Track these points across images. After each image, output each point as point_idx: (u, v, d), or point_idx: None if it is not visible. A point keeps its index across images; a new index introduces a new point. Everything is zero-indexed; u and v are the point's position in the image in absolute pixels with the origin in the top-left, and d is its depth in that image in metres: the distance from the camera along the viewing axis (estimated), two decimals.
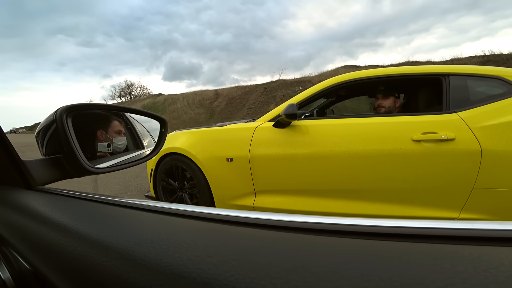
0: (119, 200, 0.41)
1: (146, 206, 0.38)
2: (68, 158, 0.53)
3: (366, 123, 1.68)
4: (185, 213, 0.34)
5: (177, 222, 0.32)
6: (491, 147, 1.38)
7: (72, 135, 0.53)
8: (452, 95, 1.58)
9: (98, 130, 0.74)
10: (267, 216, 0.30)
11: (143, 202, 0.39)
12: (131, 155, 0.83)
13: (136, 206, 0.38)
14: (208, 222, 0.31)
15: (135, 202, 0.40)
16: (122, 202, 0.40)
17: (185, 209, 0.35)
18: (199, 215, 0.33)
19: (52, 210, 0.37)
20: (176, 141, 2.25)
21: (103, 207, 0.39)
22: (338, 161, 1.64)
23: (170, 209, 0.36)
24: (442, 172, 1.47)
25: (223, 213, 0.33)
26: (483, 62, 13.72)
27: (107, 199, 0.42)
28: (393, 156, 1.54)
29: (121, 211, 0.37)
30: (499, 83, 1.54)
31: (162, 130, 0.83)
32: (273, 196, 1.86)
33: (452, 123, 1.48)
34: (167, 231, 0.28)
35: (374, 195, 1.62)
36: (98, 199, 0.43)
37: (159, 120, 0.84)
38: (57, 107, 0.54)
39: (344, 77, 1.85)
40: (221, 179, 1.99)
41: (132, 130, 0.90)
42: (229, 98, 19.43)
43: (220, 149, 1.99)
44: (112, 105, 0.73)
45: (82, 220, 0.33)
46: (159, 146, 0.80)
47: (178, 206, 0.37)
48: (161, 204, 0.39)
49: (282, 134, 1.80)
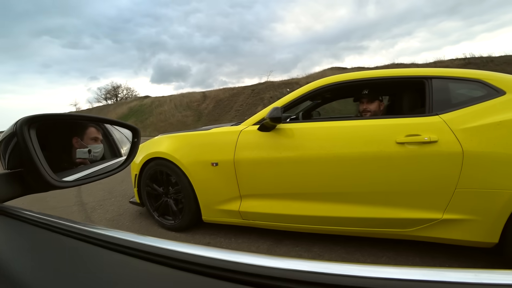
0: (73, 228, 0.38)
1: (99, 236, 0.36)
2: (30, 173, 0.49)
3: (351, 126, 1.68)
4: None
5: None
6: (472, 149, 1.40)
7: (35, 147, 0.49)
8: (435, 97, 1.60)
9: (73, 138, 0.70)
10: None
11: (99, 230, 0.37)
12: (107, 164, 0.79)
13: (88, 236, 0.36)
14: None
15: (93, 230, 0.37)
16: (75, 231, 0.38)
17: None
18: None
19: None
20: (160, 145, 2.20)
21: (51, 235, 0.37)
22: (324, 164, 1.64)
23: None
24: (426, 173, 1.49)
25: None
26: (464, 64, 14.13)
27: (58, 226, 0.39)
28: (377, 158, 1.54)
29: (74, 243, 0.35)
30: (479, 86, 1.57)
31: (134, 139, 0.79)
32: (259, 200, 1.84)
33: (434, 125, 1.50)
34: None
35: (359, 197, 1.62)
36: (52, 226, 0.40)
37: (130, 129, 0.80)
38: (39, 110, 0.50)
39: (329, 79, 1.85)
40: (206, 184, 1.95)
41: (109, 136, 0.86)
42: (216, 100, 19.32)
43: (204, 154, 1.96)
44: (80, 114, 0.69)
45: (20, 250, 0.30)
46: (131, 156, 0.77)
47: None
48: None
49: (267, 138, 1.78)
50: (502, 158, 1.35)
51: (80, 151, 0.69)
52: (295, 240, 1.93)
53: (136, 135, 0.79)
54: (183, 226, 2.15)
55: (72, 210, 2.92)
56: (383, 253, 1.73)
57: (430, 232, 1.53)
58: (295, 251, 1.81)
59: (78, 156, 0.68)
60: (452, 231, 1.49)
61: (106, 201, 3.20)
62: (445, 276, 0.21)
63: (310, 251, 1.80)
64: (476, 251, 1.65)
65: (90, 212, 2.84)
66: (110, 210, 2.86)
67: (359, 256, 1.71)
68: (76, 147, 0.69)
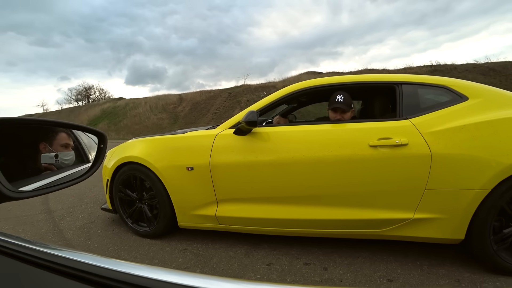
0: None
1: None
2: None
3: (326, 129, 1.71)
4: None
5: None
6: (439, 151, 1.47)
7: None
8: (405, 102, 1.67)
9: (41, 143, 0.65)
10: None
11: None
12: (73, 170, 0.74)
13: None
14: None
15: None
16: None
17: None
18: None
19: None
20: (133, 149, 2.13)
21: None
22: (299, 168, 1.65)
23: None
24: (397, 175, 1.54)
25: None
26: (431, 71, 14.94)
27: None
28: (351, 161, 1.58)
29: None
30: (445, 92, 1.66)
31: (100, 145, 0.75)
32: (235, 204, 1.82)
33: (405, 129, 1.56)
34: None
35: (335, 200, 1.65)
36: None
37: (96, 134, 0.76)
38: (2, 111, 0.45)
39: (305, 83, 1.87)
40: (182, 189, 1.91)
41: (76, 142, 0.81)
42: (193, 102, 19.07)
43: (179, 158, 1.91)
44: (44, 119, 0.64)
45: None
46: (98, 162, 0.72)
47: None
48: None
49: (243, 141, 1.77)
50: (466, 159, 1.43)
51: (46, 156, 0.64)
52: (273, 244, 1.93)
53: (102, 140, 0.75)
54: (158, 232, 2.09)
55: (38, 218, 2.73)
56: (359, 253, 1.77)
57: (403, 232, 1.58)
58: (273, 255, 1.80)
59: (43, 161, 0.63)
60: (422, 230, 1.55)
61: (76, 208, 3.04)
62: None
63: (287, 254, 1.80)
64: (445, 247, 1.73)
65: (58, 220, 2.67)
66: (81, 217, 2.72)
67: (336, 257, 1.74)
68: (43, 152, 0.64)
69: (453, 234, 1.51)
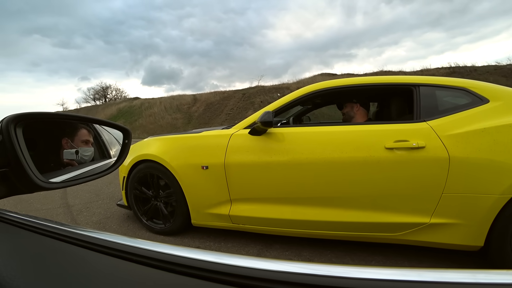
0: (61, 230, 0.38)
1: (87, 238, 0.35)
2: (15, 173, 0.47)
3: (341, 131, 1.70)
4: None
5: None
6: (458, 155, 1.44)
7: (21, 147, 0.48)
8: (422, 104, 1.64)
9: (63, 139, 0.68)
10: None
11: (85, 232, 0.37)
12: (95, 165, 0.77)
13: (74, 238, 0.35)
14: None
15: (78, 232, 0.36)
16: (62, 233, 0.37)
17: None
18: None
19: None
20: (149, 147, 2.17)
21: (37, 237, 0.36)
22: (314, 169, 1.65)
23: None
24: (414, 178, 1.51)
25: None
26: (449, 73, 14.51)
27: (45, 228, 0.38)
28: (367, 163, 1.56)
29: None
30: (464, 94, 1.62)
31: (125, 141, 0.77)
32: (249, 204, 1.83)
33: (422, 131, 1.53)
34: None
35: (349, 202, 1.63)
36: (39, 229, 0.39)
37: (121, 130, 0.79)
38: (25, 109, 0.48)
39: (320, 85, 1.87)
40: (196, 187, 1.93)
41: (98, 137, 0.84)
42: (207, 103, 19.23)
43: (195, 156, 1.94)
44: (69, 114, 0.67)
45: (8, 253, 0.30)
46: (122, 158, 0.75)
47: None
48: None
49: (258, 142, 1.79)
50: (486, 163, 1.39)
51: (68, 152, 0.67)
52: (285, 245, 1.93)
53: (127, 136, 0.78)
54: (174, 230, 2.12)
55: (58, 212, 2.84)
56: (372, 257, 1.75)
57: (418, 236, 1.55)
58: (285, 255, 1.80)
59: (65, 157, 0.66)
60: (439, 235, 1.51)
61: (93, 203, 3.13)
62: (443, 277, 0.21)
63: (300, 255, 1.80)
64: (462, 254, 1.68)
65: (76, 214, 2.76)
66: (97, 212, 2.80)
67: (349, 260, 1.72)
68: (65, 148, 0.67)
69: (471, 241, 1.47)
